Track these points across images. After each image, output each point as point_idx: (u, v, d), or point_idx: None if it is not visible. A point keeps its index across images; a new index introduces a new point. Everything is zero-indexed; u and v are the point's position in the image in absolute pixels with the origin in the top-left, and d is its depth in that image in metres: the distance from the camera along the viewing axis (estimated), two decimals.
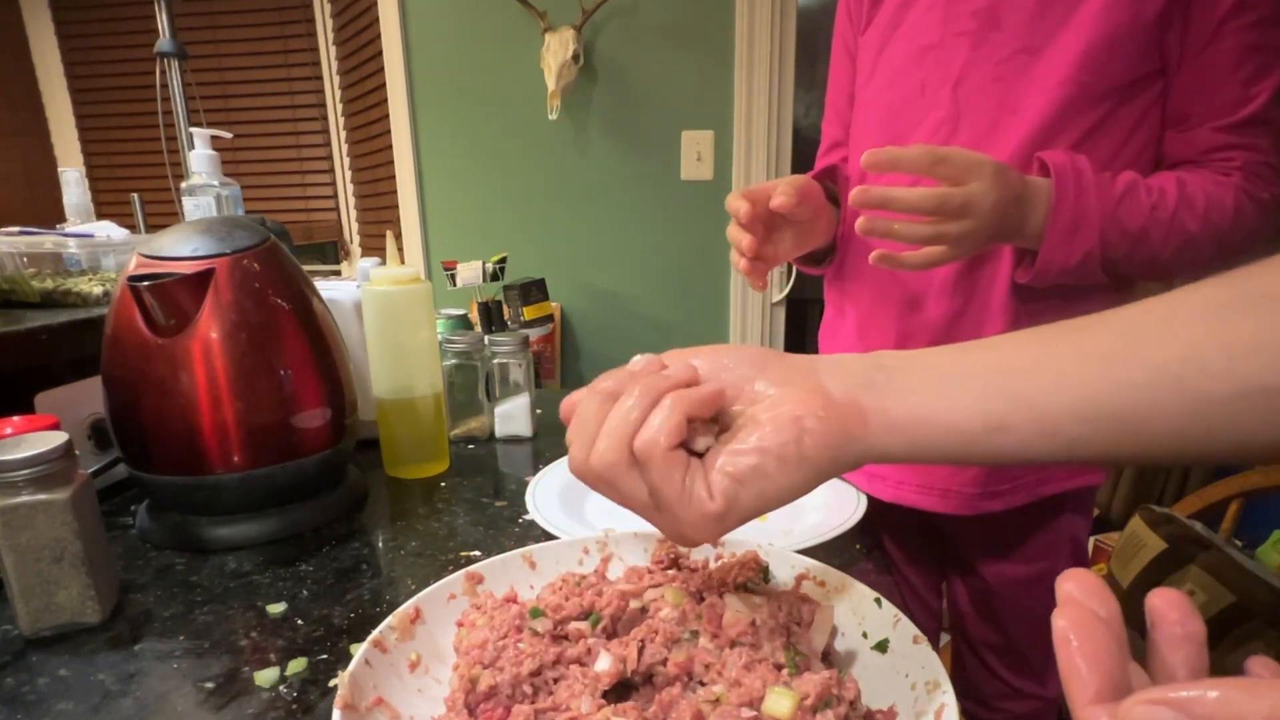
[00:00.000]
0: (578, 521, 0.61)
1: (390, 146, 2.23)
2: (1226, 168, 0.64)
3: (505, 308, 1.89)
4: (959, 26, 0.68)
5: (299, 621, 0.49)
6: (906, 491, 0.77)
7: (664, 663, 0.36)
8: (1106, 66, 0.63)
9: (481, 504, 0.67)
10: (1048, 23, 0.64)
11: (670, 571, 0.44)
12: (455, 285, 1.85)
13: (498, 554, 0.47)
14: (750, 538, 0.48)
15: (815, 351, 0.97)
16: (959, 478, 0.75)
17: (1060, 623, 0.21)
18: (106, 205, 2.30)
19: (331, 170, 2.58)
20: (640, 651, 0.36)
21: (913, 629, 0.38)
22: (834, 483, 0.69)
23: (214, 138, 0.92)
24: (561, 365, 2.20)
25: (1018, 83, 0.66)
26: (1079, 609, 0.21)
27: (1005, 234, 0.61)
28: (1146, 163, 0.68)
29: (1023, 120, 0.66)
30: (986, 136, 0.67)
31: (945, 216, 0.57)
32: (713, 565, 0.45)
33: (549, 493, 0.66)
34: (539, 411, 0.91)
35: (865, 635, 0.40)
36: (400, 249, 0.72)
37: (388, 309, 0.70)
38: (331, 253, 2.60)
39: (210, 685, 0.42)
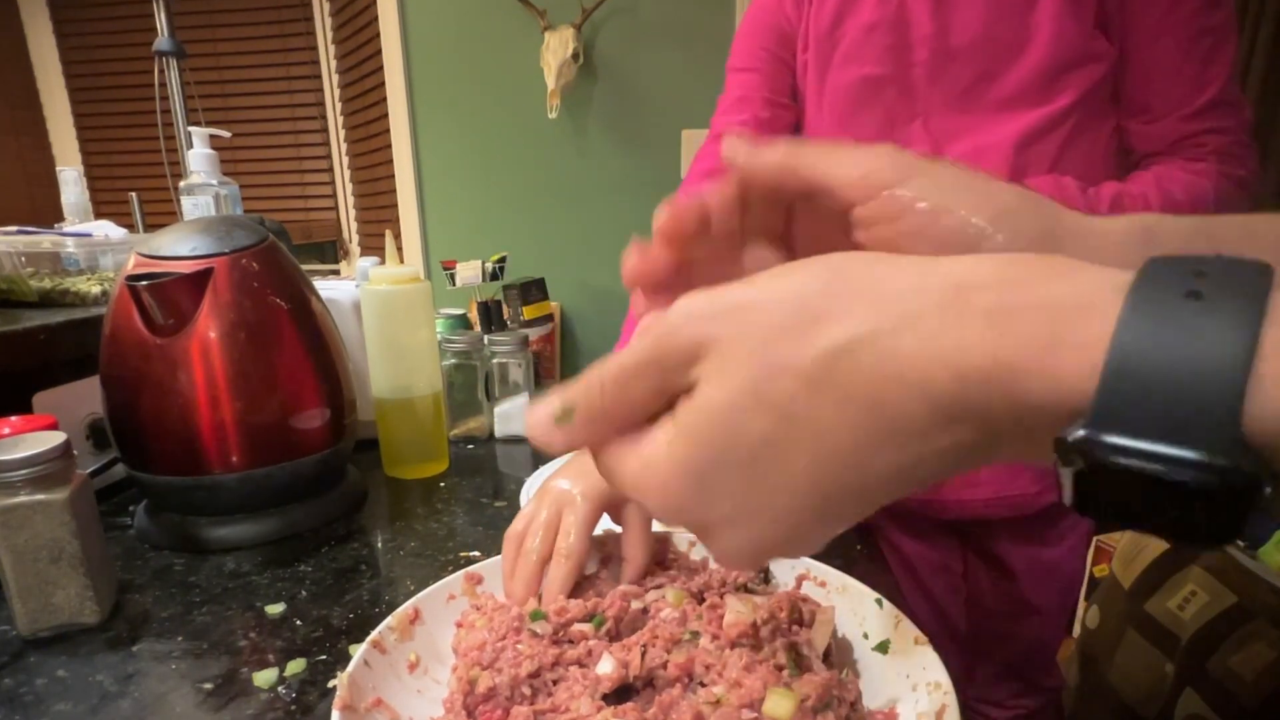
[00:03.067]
0: None
1: (390, 146, 2.22)
2: (1198, 153, 0.65)
3: (505, 307, 1.89)
4: (911, 57, 0.67)
5: (298, 622, 0.48)
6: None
7: (664, 665, 0.36)
8: (1067, 77, 0.64)
9: (481, 504, 0.67)
10: (1000, 46, 0.65)
11: (672, 571, 0.44)
12: (455, 285, 1.84)
13: (497, 554, 0.47)
14: None
15: None
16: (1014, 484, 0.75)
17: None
18: (105, 204, 2.30)
19: (331, 170, 2.58)
20: (642, 655, 0.36)
21: (913, 629, 0.37)
22: None
23: (212, 137, 0.92)
24: (561, 365, 2.20)
25: (984, 111, 0.66)
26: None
27: None
28: (1121, 152, 0.69)
29: (1001, 144, 0.66)
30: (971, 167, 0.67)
31: None
32: (712, 564, 0.45)
33: None
34: None
35: (865, 635, 0.40)
36: (399, 249, 0.72)
37: (387, 309, 0.70)
38: (331, 252, 2.60)
39: (209, 686, 0.42)
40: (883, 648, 0.38)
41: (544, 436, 0.24)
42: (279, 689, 0.42)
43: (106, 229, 0.94)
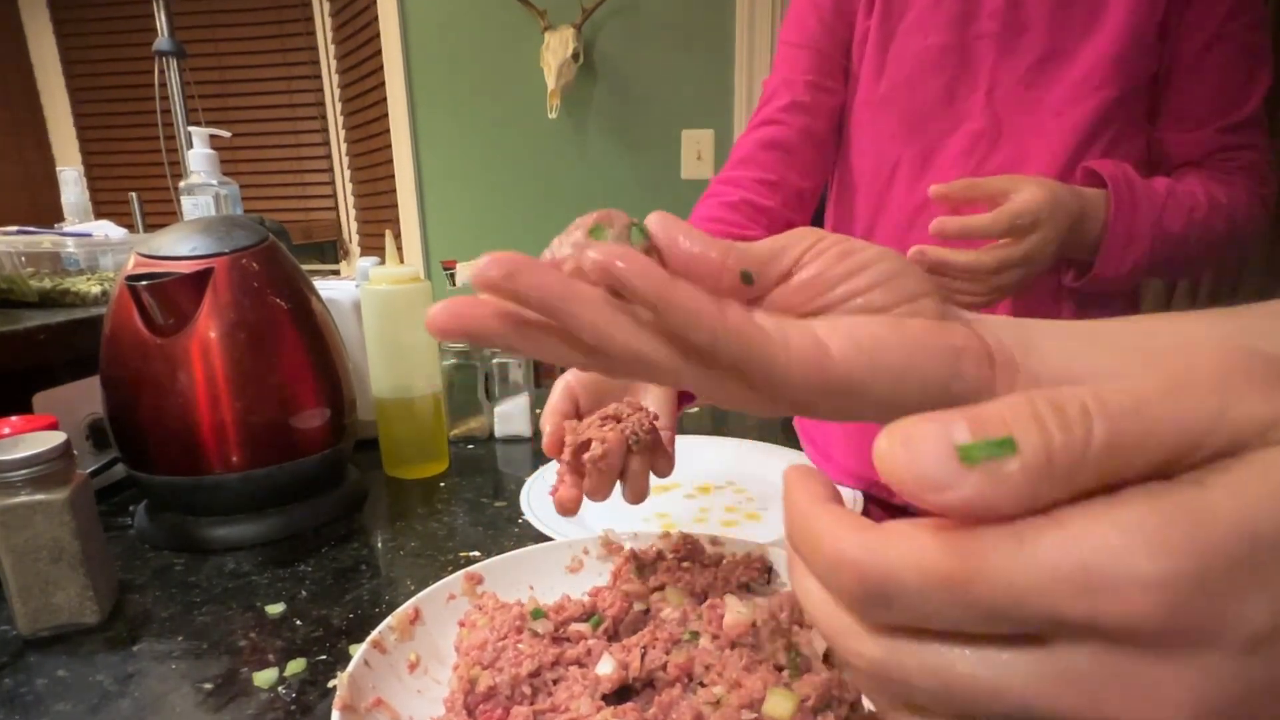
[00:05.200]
0: (573, 523, 0.61)
1: (390, 146, 2.22)
2: (1228, 168, 0.65)
3: None
4: (979, 28, 0.66)
5: (298, 622, 0.48)
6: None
7: (664, 666, 0.36)
8: (1136, 65, 0.63)
9: (481, 504, 0.67)
10: (1072, 24, 0.64)
11: (686, 564, 0.44)
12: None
13: (497, 554, 0.47)
14: (748, 538, 0.48)
15: None
16: None
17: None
18: (105, 204, 2.30)
19: (331, 170, 2.58)
20: (642, 656, 0.36)
21: None
22: None
23: (212, 137, 0.92)
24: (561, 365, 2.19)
25: (1052, 88, 0.65)
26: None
27: (1068, 253, 0.61)
28: (1150, 165, 0.69)
29: (1064, 127, 0.65)
30: (1030, 147, 0.66)
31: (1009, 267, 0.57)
32: (727, 557, 0.44)
33: (544, 493, 0.66)
34: (538, 411, 0.91)
35: None
36: (399, 248, 0.72)
37: (387, 309, 0.70)
38: (331, 252, 2.60)
39: (209, 686, 0.42)
40: None
41: (932, 479, 0.14)
42: (279, 689, 0.42)
43: (107, 229, 0.94)
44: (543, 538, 0.57)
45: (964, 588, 0.14)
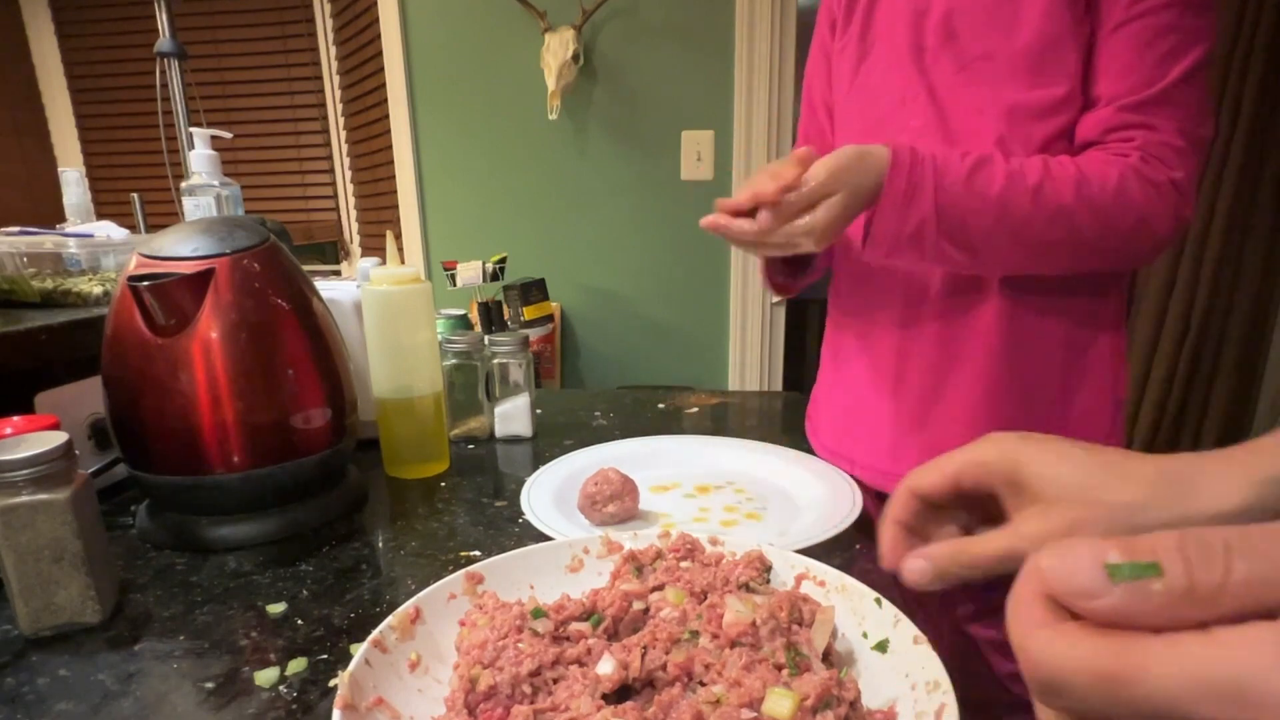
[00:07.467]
0: (573, 522, 0.61)
1: (390, 146, 2.23)
2: (1125, 148, 0.63)
3: (505, 308, 1.89)
4: (924, 41, 0.70)
5: (299, 621, 0.49)
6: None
7: (664, 666, 0.36)
8: (1060, 55, 0.64)
9: (481, 504, 0.67)
10: (997, 28, 0.66)
11: (685, 564, 0.44)
12: (455, 285, 1.85)
13: (498, 554, 0.47)
14: (748, 538, 0.48)
15: (815, 354, 0.96)
16: None
17: None
18: (106, 205, 2.30)
19: (331, 170, 2.58)
20: (642, 656, 0.36)
21: (913, 629, 0.37)
22: (832, 480, 0.69)
23: (214, 138, 0.92)
24: (561, 365, 2.20)
25: (984, 85, 0.67)
26: None
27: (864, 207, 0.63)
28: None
29: (987, 125, 0.67)
30: (962, 143, 0.69)
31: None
32: (727, 557, 0.45)
33: (544, 493, 0.66)
34: (539, 411, 0.91)
35: (865, 635, 0.40)
36: (400, 249, 0.72)
37: (388, 309, 0.70)
38: (331, 253, 2.60)
39: (210, 685, 0.42)
40: (882, 647, 0.39)
41: (1085, 588, 0.17)
42: (280, 688, 0.42)
43: (108, 229, 0.94)
44: (543, 537, 0.57)
45: (1125, 689, 0.16)
